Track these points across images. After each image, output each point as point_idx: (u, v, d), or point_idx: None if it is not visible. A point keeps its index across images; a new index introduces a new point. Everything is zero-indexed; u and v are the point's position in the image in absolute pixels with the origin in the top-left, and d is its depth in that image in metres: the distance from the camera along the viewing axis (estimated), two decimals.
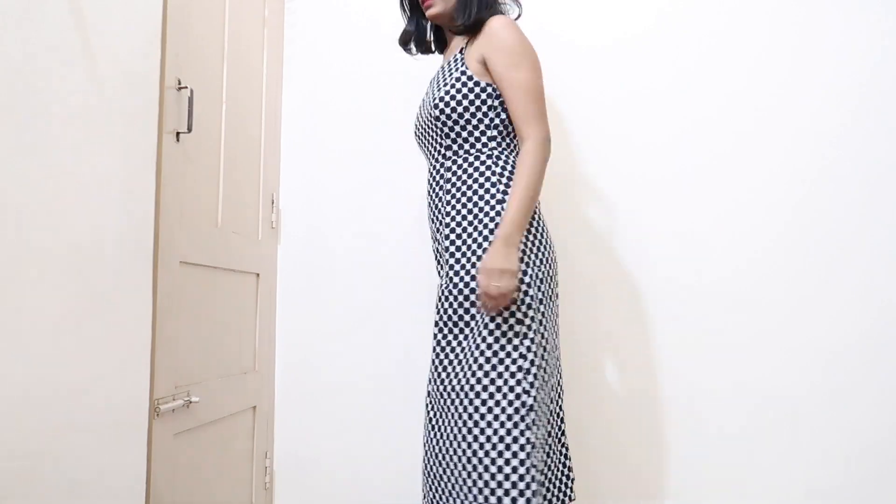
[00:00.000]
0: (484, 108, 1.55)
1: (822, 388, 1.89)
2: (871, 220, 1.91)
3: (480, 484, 1.39)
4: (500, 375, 1.42)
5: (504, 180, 1.52)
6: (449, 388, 1.48)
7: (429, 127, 1.60)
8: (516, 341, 1.43)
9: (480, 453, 1.40)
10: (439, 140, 1.59)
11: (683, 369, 1.94)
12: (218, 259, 1.75)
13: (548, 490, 1.49)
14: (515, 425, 1.39)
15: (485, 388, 1.42)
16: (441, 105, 1.55)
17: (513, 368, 1.42)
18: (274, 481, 2.10)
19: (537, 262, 1.49)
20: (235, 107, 1.85)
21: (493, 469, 1.39)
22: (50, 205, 1.16)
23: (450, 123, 1.56)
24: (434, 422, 1.51)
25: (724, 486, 1.91)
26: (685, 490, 1.92)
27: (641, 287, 1.97)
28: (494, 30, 1.54)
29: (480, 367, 1.43)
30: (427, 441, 1.53)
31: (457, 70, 1.57)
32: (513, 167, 1.53)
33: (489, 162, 1.54)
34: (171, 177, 1.49)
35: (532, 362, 1.42)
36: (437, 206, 1.61)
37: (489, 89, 1.55)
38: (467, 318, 1.49)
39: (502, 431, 1.39)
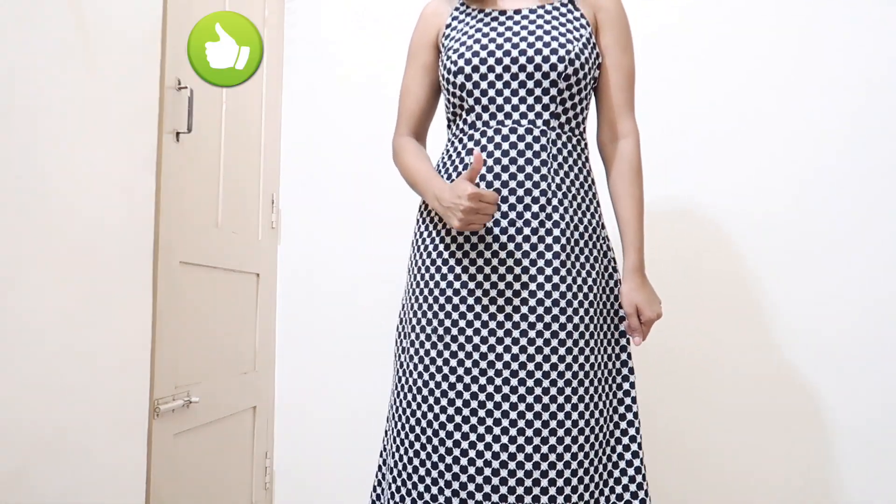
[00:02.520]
0: (591, 84, 1.30)
1: None
2: None
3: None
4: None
5: (595, 188, 1.32)
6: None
7: (529, 76, 1.23)
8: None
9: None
10: (546, 100, 1.24)
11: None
12: (218, 259, 1.75)
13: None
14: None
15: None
16: (571, 58, 1.22)
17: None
18: (274, 481, 2.10)
19: None
20: (235, 107, 1.85)
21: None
22: (50, 205, 1.16)
23: (571, 85, 1.24)
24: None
25: None
26: None
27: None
28: None
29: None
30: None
31: (575, 22, 1.28)
32: (589, 172, 1.32)
33: (588, 153, 1.32)
34: (171, 177, 1.49)
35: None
36: (528, 173, 1.23)
37: (598, 62, 1.29)
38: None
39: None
